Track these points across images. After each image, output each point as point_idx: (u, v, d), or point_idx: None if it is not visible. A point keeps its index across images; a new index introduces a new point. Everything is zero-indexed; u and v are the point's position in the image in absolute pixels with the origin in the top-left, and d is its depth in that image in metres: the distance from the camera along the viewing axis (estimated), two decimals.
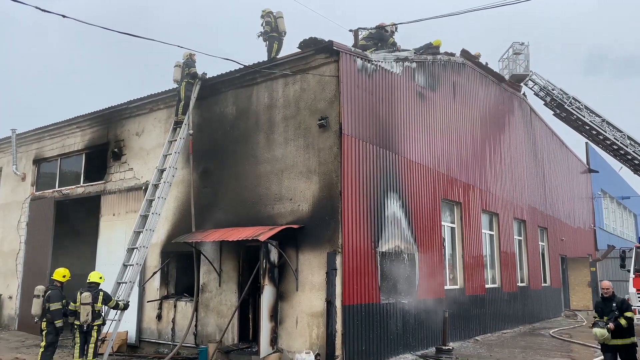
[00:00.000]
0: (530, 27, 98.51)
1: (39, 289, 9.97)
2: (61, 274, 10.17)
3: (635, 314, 15.90)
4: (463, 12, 11.88)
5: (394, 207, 12.04)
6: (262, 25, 13.85)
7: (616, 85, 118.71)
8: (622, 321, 8.30)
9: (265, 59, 12.56)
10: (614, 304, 8.53)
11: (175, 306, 12.61)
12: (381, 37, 14.61)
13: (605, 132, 23.09)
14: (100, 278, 9.90)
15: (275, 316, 10.71)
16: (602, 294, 8.80)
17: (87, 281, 9.87)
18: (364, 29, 15.27)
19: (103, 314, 9.85)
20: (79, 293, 9.65)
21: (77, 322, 9.54)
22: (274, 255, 10.81)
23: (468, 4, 14.59)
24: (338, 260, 10.13)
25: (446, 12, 12.92)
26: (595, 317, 8.70)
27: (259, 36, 13.92)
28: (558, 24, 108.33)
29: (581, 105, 22.82)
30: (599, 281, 27.57)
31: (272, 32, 13.58)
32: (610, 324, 8.30)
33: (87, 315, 9.41)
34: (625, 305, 8.47)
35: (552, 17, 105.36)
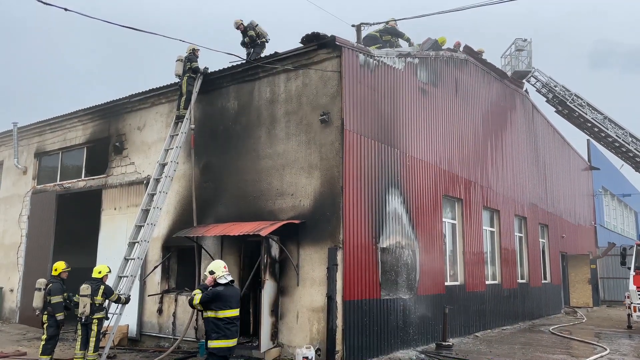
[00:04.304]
0: (535, 21, 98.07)
1: (41, 282, 10.00)
2: (61, 267, 10.18)
3: (635, 311, 16.24)
4: (469, 8, 11.85)
5: (395, 203, 12.04)
6: (243, 37, 14.24)
7: (626, 79, 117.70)
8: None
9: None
10: None
11: (176, 300, 12.64)
12: (396, 32, 14.89)
13: (607, 129, 23.13)
14: (100, 273, 9.89)
15: (276, 311, 10.73)
16: None
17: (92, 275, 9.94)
18: (366, 24, 15.29)
19: (106, 307, 9.88)
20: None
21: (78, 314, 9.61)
22: (275, 251, 10.82)
23: (471, 1, 14.48)
24: (339, 255, 10.14)
25: (448, 10, 12.86)
26: None
27: (243, 45, 14.24)
28: (564, 16, 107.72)
29: (583, 102, 22.83)
30: (599, 278, 27.77)
31: (258, 38, 13.93)
32: None
33: (85, 307, 9.41)
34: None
35: (560, 9, 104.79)
